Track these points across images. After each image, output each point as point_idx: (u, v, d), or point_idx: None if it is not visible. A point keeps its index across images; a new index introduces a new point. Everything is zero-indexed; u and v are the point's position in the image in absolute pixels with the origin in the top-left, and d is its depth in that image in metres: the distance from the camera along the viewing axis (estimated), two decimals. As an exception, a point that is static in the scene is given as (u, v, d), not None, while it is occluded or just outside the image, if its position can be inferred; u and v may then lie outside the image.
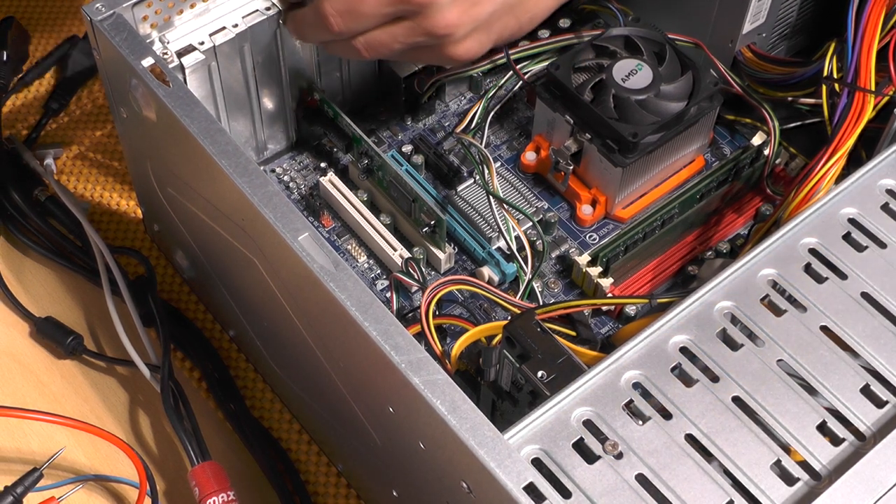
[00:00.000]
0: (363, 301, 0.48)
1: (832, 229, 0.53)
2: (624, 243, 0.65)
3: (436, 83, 0.74)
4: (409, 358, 0.47)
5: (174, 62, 0.63)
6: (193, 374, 0.69)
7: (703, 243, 0.68)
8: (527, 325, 0.52)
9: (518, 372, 0.51)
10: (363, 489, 0.64)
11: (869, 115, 0.59)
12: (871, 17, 0.60)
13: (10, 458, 0.65)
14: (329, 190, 0.70)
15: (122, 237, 0.76)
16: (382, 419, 0.52)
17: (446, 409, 0.45)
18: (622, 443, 0.46)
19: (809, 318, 0.50)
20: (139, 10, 0.61)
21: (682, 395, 0.47)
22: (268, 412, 0.68)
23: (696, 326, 0.50)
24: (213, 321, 0.72)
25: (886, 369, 0.49)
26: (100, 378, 0.69)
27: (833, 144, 0.59)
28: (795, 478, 0.45)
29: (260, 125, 0.71)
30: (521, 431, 0.46)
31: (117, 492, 0.64)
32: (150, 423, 0.67)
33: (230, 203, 0.55)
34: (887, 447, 0.45)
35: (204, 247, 0.65)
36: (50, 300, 0.73)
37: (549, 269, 0.69)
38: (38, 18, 0.88)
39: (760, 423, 0.47)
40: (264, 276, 0.56)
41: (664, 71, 0.66)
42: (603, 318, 0.66)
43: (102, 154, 0.80)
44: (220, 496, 0.60)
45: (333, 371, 0.55)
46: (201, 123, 0.55)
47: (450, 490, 0.48)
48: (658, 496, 0.45)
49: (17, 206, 0.74)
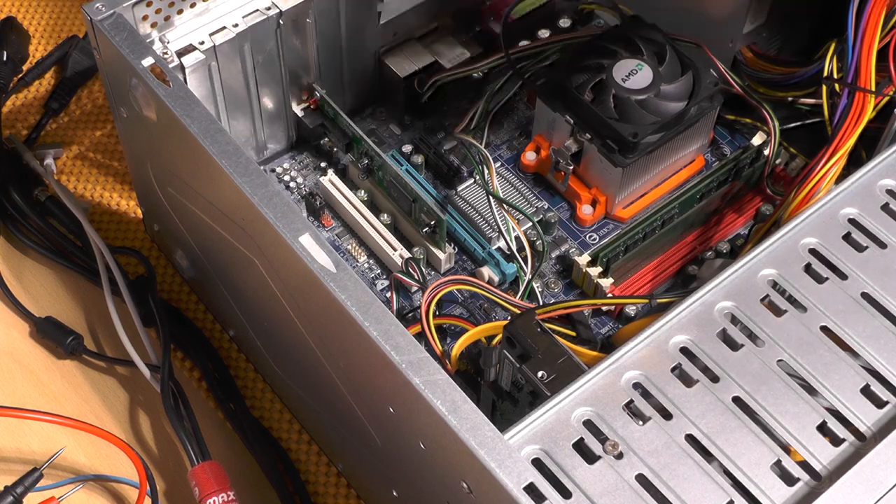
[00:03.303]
0: (363, 301, 0.48)
1: (832, 229, 0.53)
2: (624, 243, 0.65)
3: (436, 83, 0.74)
4: (409, 358, 0.47)
5: (174, 62, 0.63)
6: (193, 374, 0.69)
7: (704, 243, 0.68)
8: (527, 325, 0.52)
9: (518, 372, 0.51)
10: (363, 489, 0.64)
11: (869, 115, 0.59)
12: (871, 18, 0.60)
13: (10, 458, 0.65)
14: (329, 190, 0.70)
15: (122, 237, 0.76)
16: (383, 419, 0.52)
17: (446, 410, 0.45)
18: (622, 443, 0.46)
19: (809, 319, 0.50)
20: (139, 9, 0.61)
21: (682, 396, 0.47)
22: (268, 412, 0.68)
23: (697, 326, 0.50)
24: (213, 321, 0.72)
25: (886, 369, 0.49)
26: (100, 378, 0.69)
27: (833, 144, 0.59)
28: (795, 478, 0.45)
29: (260, 125, 0.71)
30: (521, 431, 0.46)
31: (117, 492, 0.64)
32: (150, 423, 0.67)
33: (230, 203, 0.55)
34: (887, 447, 0.45)
35: (204, 247, 0.65)
36: (50, 300, 0.73)
37: (549, 270, 0.69)
38: (38, 18, 0.88)
39: (760, 423, 0.47)
40: (264, 276, 0.56)
41: (664, 71, 0.66)
42: (603, 318, 0.66)
43: (102, 154, 0.80)
44: (220, 496, 0.60)
45: (334, 371, 0.55)
46: (201, 123, 0.55)
47: (450, 490, 0.48)
48: (658, 496, 0.45)
49: (17, 206, 0.74)
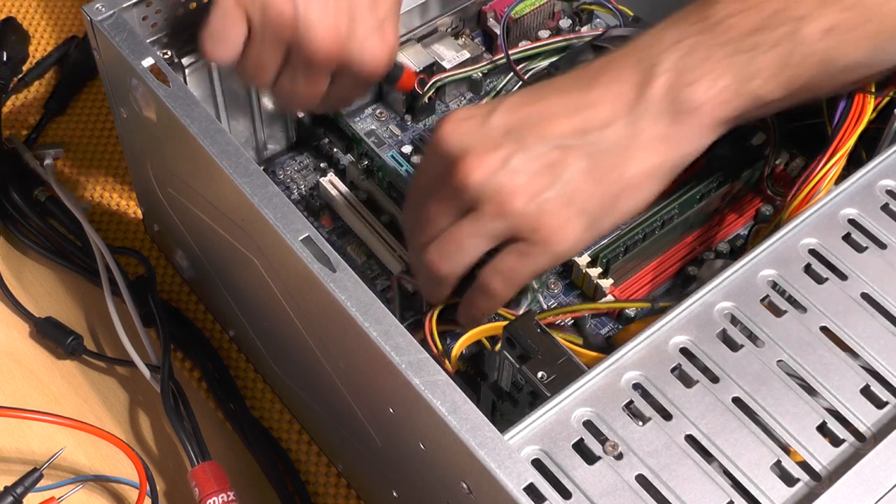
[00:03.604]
0: (363, 301, 0.48)
1: (832, 230, 0.53)
2: (624, 244, 0.65)
3: (436, 83, 0.74)
4: (409, 359, 0.47)
5: (174, 62, 0.63)
6: (193, 374, 0.69)
7: (704, 244, 0.68)
8: (527, 326, 0.52)
9: (518, 372, 0.51)
10: (363, 489, 0.64)
11: (869, 115, 0.59)
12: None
13: (10, 459, 0.65)
14: (329, 190, 0.70)
15: (122, 237, 0.76)
16: (383, 420, 0.52)
17: (447, 410, 0.45)
18: (622, 443, 0.46)
19: (809, 319, 0.50)
20: (139, 10, 0.61)
21: (682, 396, 0.47)
22: (268, 412, 0.68)
23: (697, 327, 0.50)
24: (213, 321, 0.72)
25: (886, 370, 0.49)
26: (100, 378, 0.69)
27: (833, 145, 0.59)
28: (795, 478, 0.45)
29: (260, 125, 0.71)
30: (521, 432, 0.46)
31: (117, 492, 0.64)
32: (150, 423, 0.67)
33: (230, 203, 0.55)
34: (887, 448, 0.45)
35: (204, 247, 0.65)
36: (50, 300, 0.73)
37: (549, 270, 0.68)
38: (38, 18, 0.88)
39: (760, 423, 0.47)
40: (264, 276, 0.56)
41: (664, 71, 0.66)
42: (603, 318, 0.66)
43: (102, 154, 0.80)
44: (220, 496, 0.60)
45: (334, 371, 0.55)
46: (201, 123, 0.55)
47: (450, 491, 0.48)
48: (658, 497, 0.45)
49: (17, 206, 0.74)
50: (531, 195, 0.51)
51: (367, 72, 0.60)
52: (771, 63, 0.52)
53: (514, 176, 0.51)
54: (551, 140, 0.51)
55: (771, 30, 0.52)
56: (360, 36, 0.58)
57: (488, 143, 0.51)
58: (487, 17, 0.77)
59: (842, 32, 0.52)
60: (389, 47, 0.60)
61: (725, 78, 0.51)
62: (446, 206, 0.53)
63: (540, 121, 0.52)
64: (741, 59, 0.51)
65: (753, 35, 0.52)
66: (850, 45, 0.52)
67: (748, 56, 0.51)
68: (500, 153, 0.51)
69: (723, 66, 0.51)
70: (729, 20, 0.52)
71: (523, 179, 0.51)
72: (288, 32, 0.57)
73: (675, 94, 0.51)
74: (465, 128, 0.52)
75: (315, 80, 0.59)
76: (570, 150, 0.51)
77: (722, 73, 0.51)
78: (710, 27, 0.52)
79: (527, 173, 0.51)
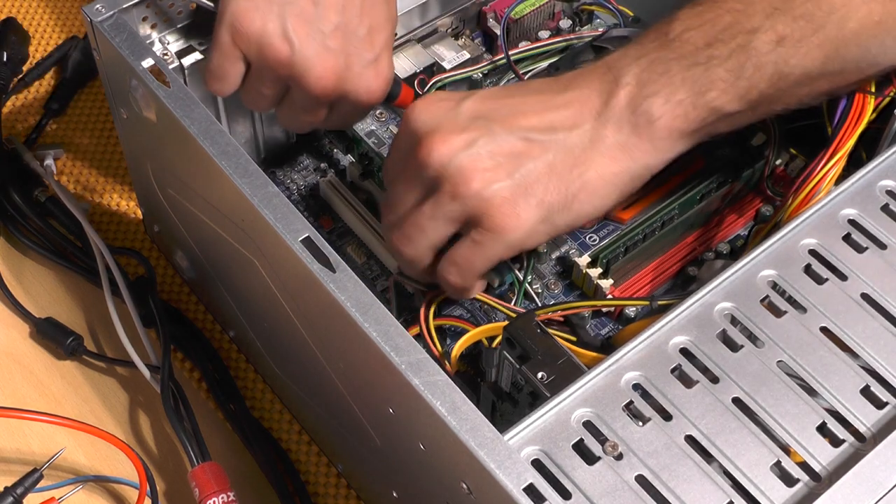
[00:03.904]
0: (363, 302, 0.48)
1: (832, 230, 0.53)
2: (624, 244, 0.65)
3: (436, 83, 0.74)
4: (409, 359, 0.47)
5: (174, 63, 0.63)
6: (193, 375, 0.69)
7: (704, 244, 0.68)
8: (527, 326, 0.52)
9: (518, 373, 0.51)
10: (363, 490, 0.64)
11: (869, 115, 0.59)
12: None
13: (10, 459, 0.65)
14: (329, 191, 0.70)
15: (122, 238, 0.76)
16: (382, 420, 0.52)
17: (446, 410, 0.45)
18: (622, 444, 0.46)
19: (809, 319, 0.50)
20: (139, 10, 0.61)
21: (682, 396, 0.47)
22: (268, 412, 0.68)
23: (696, 327, 0.50)
24: (213, 321, 0.72)
25: (886, 370, 0.49)
26: (100, 379, 0.69)
27: (833, 145, 0.59)
28: (795, 479, 0.45)
29: (260, 125, 0.71)
30: (521, 432, 0.46)
31: (117, 492, 0.64)
32: (150, 424, 0.67)
33: (230, 204, 0.55)
34: (887, 448, 0.45)
35: (204, 247, 0.65)
36: (50, 300, 0.73)
37: (549, 271, 0.68)
38: (38, 18, 0.88)
39: (760, 424, 0.47)
40: (264, 276, 0.56)
41: (664, 71, 0.66)
42: (603, 318, 0.66)
43: (102, 154, 0.80)
44: (220, 497, 0.60)
45: (333, 372, 0.55)
46: (201, 124, 0.55)
47: (450, 491, 0.48)
48: (658, 497, 0.45)
49: (17, 206, 0.74)
50: (488, 180, 0.52)
51: (363, 103, 0.61)
52: (725, 74, 0.53)
53: (475, 159, 0.52)
54: (518, 132, 0.53)
55: (724, 43, 0.53)
56: (356, 70, 0.59)
57: (455, 125, 0.53)
58: (487, 17, 0.77)
59: (792, 42, 0.53)
60: (384, 80, 0.61)
61: (681, 91, 0.53)
62: (411, 185, 0.54)
63: (511, 113, 0.53)
64: (696, 72, 0.53)
65: (708, 48, 0.53)
66: (802, 55, 0.54)
67: (703, 68, 0.53)
68: (465, 136, 0.52)
69: (679, 80, 0.53)
70: (685, 35, 0.54)
71: (483, 164, 0.52)
72: (285, 71, 0.58)
73: (636, 105, 0.53)
74: (436, 109, 0.54)
75: (313, 112, 0.61)
76: (534, 144, 0.53)
77: (678, 87, 0.53)
78: (668, 43, 0.54)
79: (488, 158, 0.52)
